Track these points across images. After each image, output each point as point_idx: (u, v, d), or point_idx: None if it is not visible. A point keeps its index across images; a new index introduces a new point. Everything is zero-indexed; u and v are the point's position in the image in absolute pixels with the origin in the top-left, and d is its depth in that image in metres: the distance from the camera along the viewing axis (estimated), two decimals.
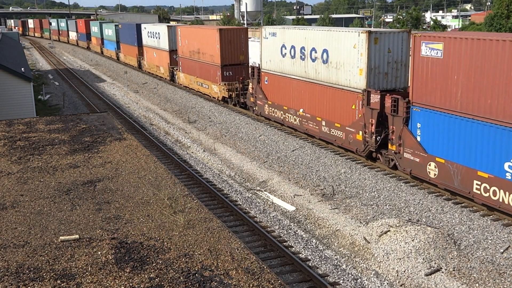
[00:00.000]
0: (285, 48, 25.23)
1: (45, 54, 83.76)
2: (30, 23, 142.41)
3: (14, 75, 26.70)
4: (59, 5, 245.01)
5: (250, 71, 29.28)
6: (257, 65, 29.15)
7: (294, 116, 25.18)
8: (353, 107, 20.69)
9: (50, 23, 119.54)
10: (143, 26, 50.77)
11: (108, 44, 68.29)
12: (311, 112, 23.73)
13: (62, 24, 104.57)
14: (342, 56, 21.10)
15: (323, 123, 22.86)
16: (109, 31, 66.64)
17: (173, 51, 42.89)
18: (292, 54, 24.66)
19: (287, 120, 25.96)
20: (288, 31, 24.99)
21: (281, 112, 26.40)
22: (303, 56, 23.77)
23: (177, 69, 42.13)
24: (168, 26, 43.85)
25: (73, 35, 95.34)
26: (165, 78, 45.80)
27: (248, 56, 33.81)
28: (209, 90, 35.51)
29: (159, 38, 45.49)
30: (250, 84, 29.56)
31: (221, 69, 33.05)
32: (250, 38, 35.99)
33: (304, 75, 23.88)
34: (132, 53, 55.72)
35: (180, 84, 41.87)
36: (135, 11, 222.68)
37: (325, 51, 22.17)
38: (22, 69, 28.08)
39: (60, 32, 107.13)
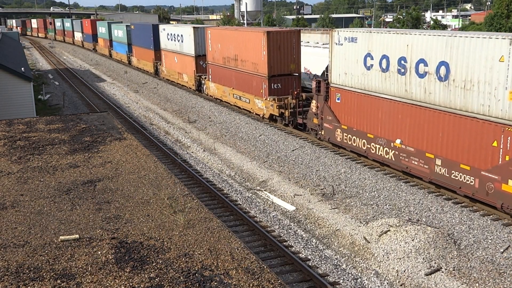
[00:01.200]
0: (372, 58, 19.61)
1: (45, 54, 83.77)
2: (34, 23, 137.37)
3: (14, 75, 26.71)
4: (59, 5, 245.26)
5: (314, 85, 23.16)
6: (324, 78, 23.43)
7: (386, 148, 19.41)
8: (495, 144, 15.20)
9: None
10: (161, 27, 45.18)
11: (118, 47, 62.90)
12: (415, 145, 18.03)
13: (67, 24, 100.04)
14: (475, 72, 15.54)
15: (438, 161, 17.18)
16: (119, 32, 61.39)
17: (199, 57, 37.57)
18: (384, 66, 19.03)
19: (372, 152, 20.17)
20: (378, 36, 19.35)
21: (363, 140, 20.58)
22: (402, 70, 18.21)
23: (205, 78, 36.66)
24: (194, 27, 38.24)
25: (78, 36, 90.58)
26: (190, 88, 40.16)
27: (300, 64, 28.39)
28: (251, 105, 29.63)
29: (182, 41, 39.96)
30: (314, 101, 23.55)
31: (268, 81, 27.48)
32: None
33: (403, 94, 18.32)
34: (148, 58, 50.12)
35: (210, 96, 36.14)
36: (135, 10, 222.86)
37: (443, 64, 16.63)
38: (22, 69, 28.09)
39: (65, 33, 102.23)
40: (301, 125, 25.91)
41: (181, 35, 39.91)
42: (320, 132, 23.47)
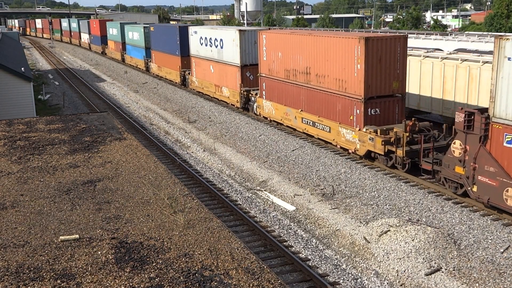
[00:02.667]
0: None
1: (45, 54, 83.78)
2: (38, 23, 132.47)
3: (14, 75, 26.72)
4: (59, 5, 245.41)
5: (461, 119, 15.88)
6: (479, 109, 16.12)
7: None
8: None
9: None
10: (192, 29, 38.27)
11: (133, 51, 55.55)
12: None
13: (74, 24, 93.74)
14: None
15: None
16: (134, 35, 54.28)
17: (246, 67, 30.99)
18: None
19: None
20: None
21: None
22: None
23: (256, 94, 29.65)
24: (240, 30, 31.26)
25: (85, 37, 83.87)
26: (232, 104, 32.80)
27: (405, 82, 21.40)
28: (333, 135, 22.50)
29: (221, 47, 33.18)
30: (458, 141, 16.36)
31: (364, 105, 20.37)
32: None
33: None
34: (172, 65, 43.02)
35: (264, 117, 28.80)
36: (135, 10, 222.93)
37: None
38: (22, 69, 28.10)
39: (72, 34, 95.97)
40: (425, 171, 18.29)
41: (221, 40, 33.24)
42: (469, 188, 16.20)
